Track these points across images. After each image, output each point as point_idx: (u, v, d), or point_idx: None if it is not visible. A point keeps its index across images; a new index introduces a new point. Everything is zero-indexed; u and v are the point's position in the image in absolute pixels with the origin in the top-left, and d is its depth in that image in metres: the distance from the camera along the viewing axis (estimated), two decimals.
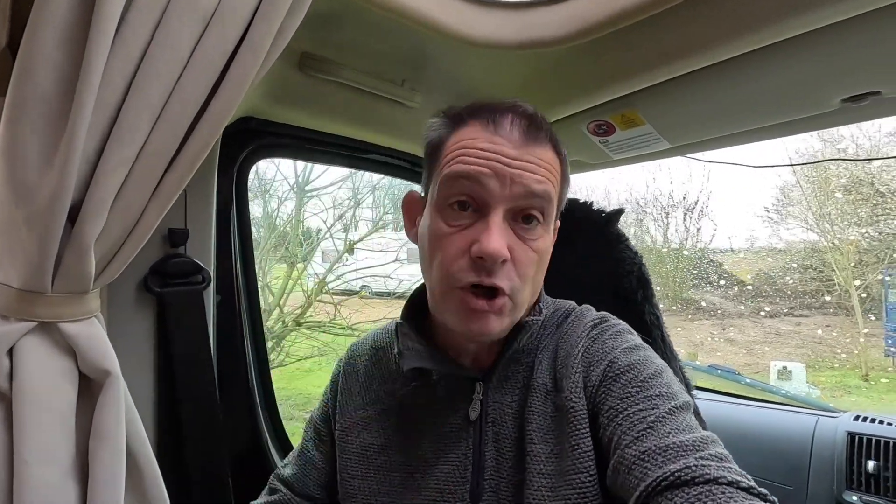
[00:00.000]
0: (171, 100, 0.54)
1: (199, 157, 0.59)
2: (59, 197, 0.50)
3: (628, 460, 0.48)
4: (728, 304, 6.96)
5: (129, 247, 0.59)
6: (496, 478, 0.58)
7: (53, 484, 0.54)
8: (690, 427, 0.49)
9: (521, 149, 0.56)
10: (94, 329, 0.58)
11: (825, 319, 6.21)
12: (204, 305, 0.79)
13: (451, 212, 0.57)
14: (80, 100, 0.48)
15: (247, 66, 0.57)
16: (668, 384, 0.54)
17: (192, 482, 0.76)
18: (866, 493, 1.07)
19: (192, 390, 0.77)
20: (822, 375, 5.45)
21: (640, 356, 0.57)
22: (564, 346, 0.61)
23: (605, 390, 0.55)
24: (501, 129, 0.57)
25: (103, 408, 0.58)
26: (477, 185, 0.55)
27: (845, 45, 0.70)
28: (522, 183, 0.55)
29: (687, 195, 7.00)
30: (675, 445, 0.46)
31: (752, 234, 7.16)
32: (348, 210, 4.90)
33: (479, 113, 0.59)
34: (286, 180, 4.75)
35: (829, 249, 5.95)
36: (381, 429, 0.66)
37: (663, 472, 0.44)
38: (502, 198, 0.55)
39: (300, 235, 4.82)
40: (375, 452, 0.64)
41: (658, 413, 0.50)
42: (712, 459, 0.45)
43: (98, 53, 0.48)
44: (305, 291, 4.61)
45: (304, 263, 4.76)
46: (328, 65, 0.85)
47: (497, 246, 0.53)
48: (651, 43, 0.75)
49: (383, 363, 0.71)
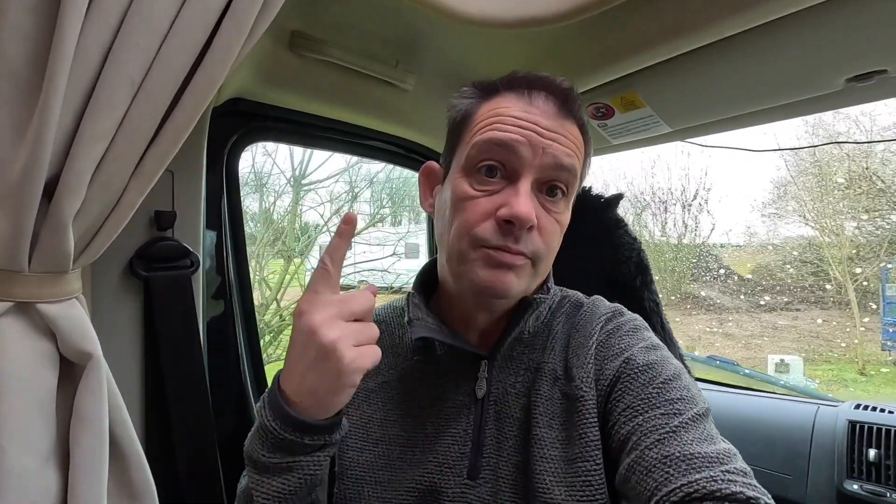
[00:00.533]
0: (152, 72, 0.52)
1: (182, 132, 0.57)
2: (32, 171, 0.48)
3: (648, 462, 0.48)
4: (726, 298, 6.97)
5: (111, 225, 0.57)
6: (496, 456, 0.58)
7: (32, 471, 0.52)
8: (713, 437, 0.50)
9: (554, 121, 0.57)
10: (74, 311, 0.56)
11: (822, 313, 6.22)
12: (192, 290, 0.77)
13: (479, 176, 0.58)
14: (53, 70, 0.46)
15: (231, 39, 0.55)
16: (687, 387, 0.54)
17: (179, 469, 0.74)
18: (867, 482, 1.05)
19: (179, 376, 0.75)
20: (819, 369, 5.47)
21: (658, 356, 0.57)
22: (577, 337, 0.62)
23: (622, 387, 0.55)
24: (537, 100, 0.58)
25: (85, 392, 0.56)
26: (509, 152, 0.56)
27: (850, 21, 0.68)
28: (553, 154, 0.56)
29: (685, 189, 6.99)
30: (700, 455, 0.47)
31: (750, 228, 7.15)
32: (345, 204, 4.88)
33: (514, 84, 0.60)
34: (283, 174, 4.73)
35: (826, 244, 5.96)
36: (381, 401, 0.65)
37: (687, 481, 0.44)
38: (532, 167, 0.56)
39: (297, 230, 4.80)
40: (375, 425, 0.63)
41: (681, 419, 0.50)
42: (737, 474, 0.45)
43: (71, 22, 0.46)
44: (302, 286, 4.60)
45: (300, 258, 4.74)
46: (319, 45, 0.83)
47: (527, 209, 0.54)
48: (650, 21, 0.74)
49: (385, 336, 0.69)
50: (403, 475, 0.60)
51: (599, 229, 0.93)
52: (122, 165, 0.54)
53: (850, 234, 5.78)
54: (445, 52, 0.88)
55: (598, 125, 1.03)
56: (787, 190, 6.51)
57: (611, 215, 0.93)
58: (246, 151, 0.97)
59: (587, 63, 0.85)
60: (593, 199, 0.94)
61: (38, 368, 0.54)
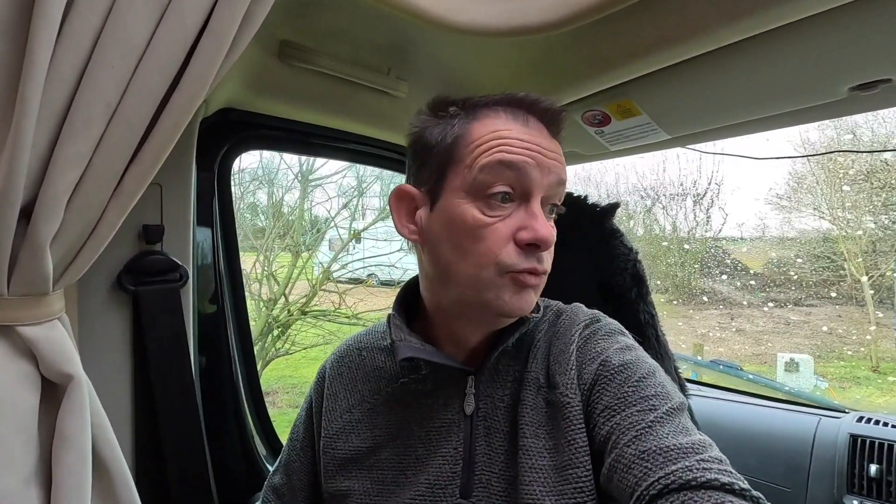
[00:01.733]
0: (128, 93, 0.51)
1: (163, 151, 0.56)
2: (7, 195, 0.47)
3: (627, 459, 0.49)
4: (737, 294, 6.88)
5: (92, 245, 0.57)
6: (487, 472, 0.58)
7: (13, 491, 0.52)
8: (688, 430, 0.50)
9: (550, 141, 0.59)
10: (55, 332, 0.56)
11: (836, 310, 6.12)
12: (181, 304, 0.77)
13: (491, 201, 0.57)
14: (24, 93, 0.46)
15: (211, 55, 0.54)
16: (661, 384, 0.55)
17: (171, 487, 0.74)
18: (867, 498, 1.03)
19: (169, 393, 0.75)
20: (831, 366, 5.39)
21: (632, 356, 0.58)
22: (558, 344, 0.61)
23: (599, 389, 0.56)
24: (532, 120, 0.59)
25: (67, 412, 0.56)
26: (520, 174, 0.56)
27: (854, 29, 0.66)
28: (556, 172, 0.58)
29: (697, 183, 6.88)
30: (675, 447, 0.47)
31: (763, 222, 7.02)
32: (353, 199, 4.89)
33: (505, 104, 0.60)
34: (290, 169, 4.74)
35: (842, 239, 5.83)
36: (369, 430, 0.65)
37: (664, 473, 0.45)
38: (541, 187, 0.57)
39: (305, 224, 4.82)
40: (364, 454, 0.64)
41: (656, 414, 0.51)
42: (713, 462, 0.46)
43: (43, 44, 0.45)
44: (310, 280, 4.62)
45: (308, 252, 4.76)
46: (310, 53, 0.82)
47: (549, 231, 0.56)
48: (644, 29, 0.71)
49: (367, 362, 0.70)
50: (397, 499, 0.60)
51: (595, 239, 0.91)
52: (100, 186, 0.53)
53: (867, 228, 5.66)
54: (437, 60, 0.86)
55: (594, 132, 1.01)
56: (801, 183, 6.39)
57: (606, 225, 0.92)
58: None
59: (580, 71, 0.83)
60: (589, 208, 0.92)
61: (19, 390, 0.54)
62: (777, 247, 6.88)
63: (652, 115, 0.90)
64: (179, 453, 0.75)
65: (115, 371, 0.73)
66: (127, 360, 0.74)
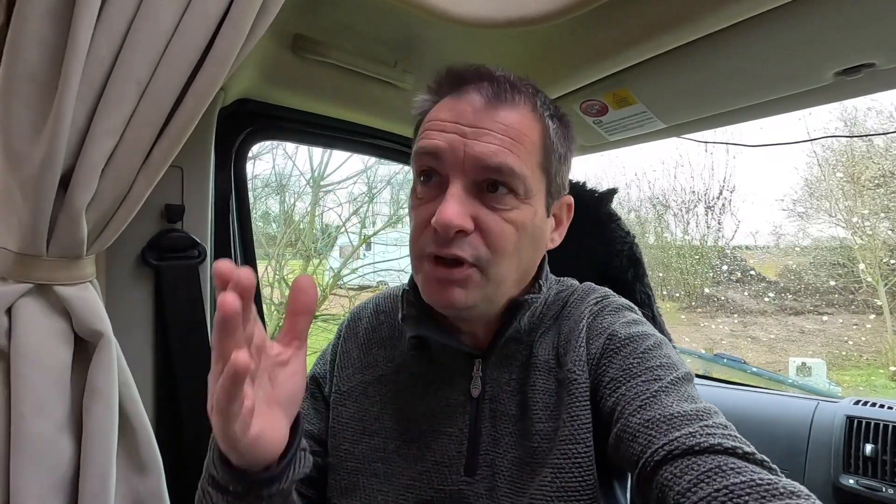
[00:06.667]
0: (157, 73, 0.57)
1: (186, 128, 0.61)
2: (49, 164, 0.53)
3: (632, 428, 0.49)
4: (751, 301, 6.80)
5: (122, 215, 0.62)
6: (492, 453, 0.58)
7: (48, 437, 0.57)
8: (693, 397, 0.51)
9: (482, 114, 0.55)
10: (88, 293, 0.61)
11: (852, 317, 6.02)
12: (199, 279, 0.82)
13: (419, 185, 0.59)
14: (67, 72, 0.51)
15: (230, 42, 0.59)
16: (667, 355, 0.56)
17: (185, 444, 0.79)
18: (863, 477, 1.04)
19: (188, 357, 0.80)
20: (847, 374, 5.30)
21: (639, 329, 0.59)
22: (568, 324, 0.62)
23: (606, 362, 0.56)
24: (465, 94, 0.57)
25: (97, 367, 0.61)
26: (433, 160, 0.56)
27: (838, 13, 0.68)
28: (475, 156, 0.53)
29: (709, 189, 6.84)
30: (679, 414, 0.48)
31: (778, 229, 6.94)
32: (364, 205, 4.96)
33: (450, 81, 0.60)
34: (302, 176, 4.83)
35: (858, 246, 5.76)
36: (378, 394, 0.65)
37: (668, 440, 0.46)
38: (459, 170, 0.54)
39: (316, 230, 4.89)
40: (371, 418, 0.64)
41: (661, 384, 0.51)
42: (717, 427, 0.46)
43: (84, 27, 0.51)
44: (321, 285, 4.69)
45: (319, 258, 4.83)
46: (321, 47, 0.87)
47: (449, 216, 0.52)
48: (637, 17, 0.75)
49: (384, 327, 0.70)
50: (400, 470, 0.60)
51: (592, 224, 0.94)
52: (130, 159, 0.59)
53: (884, 235, 5.58)
54: (442, 53, 0.91)
55: (593, 122, 1.05)
56: (816, 188, 6.32)
57: (604, 210, 0.95)
58: (266, 153, 1.02)
59: (578, 61, 0.87)
60: (586, 194, 0.96)
61: (55, 345, 0.59)
62: (791, 254, 6.79)
63: (647, 103, 0.94)
64: (196, 413, 0.80)
65: (138, 337, 0.79)
66: (149, 328, 0.79)
